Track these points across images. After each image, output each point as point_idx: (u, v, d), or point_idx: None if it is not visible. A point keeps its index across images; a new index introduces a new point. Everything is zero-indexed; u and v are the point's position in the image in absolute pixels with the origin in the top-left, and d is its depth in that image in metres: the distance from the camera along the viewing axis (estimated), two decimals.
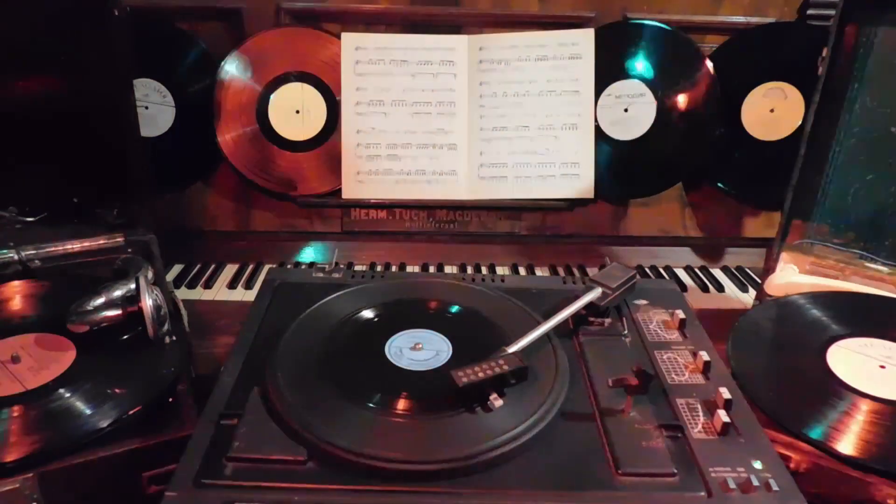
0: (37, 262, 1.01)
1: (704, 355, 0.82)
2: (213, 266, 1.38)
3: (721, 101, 1.37)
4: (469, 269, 1.40)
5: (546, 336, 0.82)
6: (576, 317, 0.88)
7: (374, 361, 0.80)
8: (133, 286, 0.89)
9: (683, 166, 1.41)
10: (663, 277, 1.38)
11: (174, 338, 0.91)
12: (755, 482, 0.65)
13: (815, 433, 0.78)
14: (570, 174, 1.38)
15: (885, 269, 1.10)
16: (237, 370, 0.79)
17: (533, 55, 1.37)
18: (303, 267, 1.35)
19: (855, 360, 0.91)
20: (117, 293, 0.91)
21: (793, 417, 0.80)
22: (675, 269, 1.43)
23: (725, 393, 0.74)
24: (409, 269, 1.39)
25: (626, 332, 0.89)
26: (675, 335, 0.89)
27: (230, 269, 1.37)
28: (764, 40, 1.39)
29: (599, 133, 1.38)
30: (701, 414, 0.74)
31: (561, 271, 1.40)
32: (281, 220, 1.41)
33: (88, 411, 0.79)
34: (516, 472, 0.66)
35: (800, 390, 0.87)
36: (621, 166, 1.39)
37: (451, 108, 1.38)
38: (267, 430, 0.69)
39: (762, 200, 1.43)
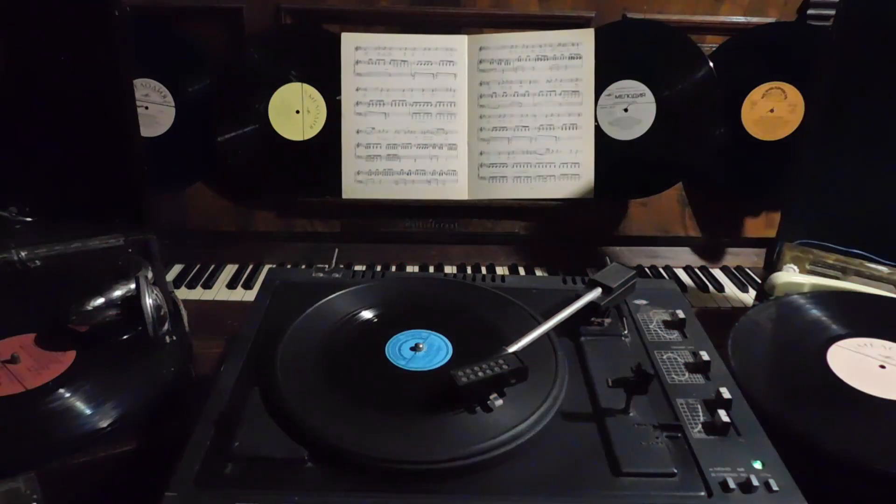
0: (37, 262, 1.01)
1: (704, 355, 0.82)
2: (213, 266, 1.38)
3: (721, 101, 1.37)
4: (469, 269, 1.40)
5: (546, 336, 0.82)
6: (576, 317, 0.88)
7: (374, 361, 0.80)
8: (133, 286, 0.89)
9: (683, 166, 1.41)
10: (663, 277, 1.38)
11: (174, 338, 0.91)
12: (755, 482, 0.65)
13: (816, 433, 0.78)
14: (570, 174, 1.38)
15: (885, 269, 1.10)
16: (237, 370, 0.79)
17: (533, 55, 1.37)
18: (303, 267, 1.35)
19: (855, 360, 0.91)
20: (117, 293, 0.91)
21: (793, 417, 0.80)
22: (675, 269, 1.43)
23: (725, 393, 0.74)
24: (409, 269, 1.39)
25: (626, 332, 0.89)
26: (675, 335, 0.89)
27: (230, 269, 1.37)
28: (764, 40, 1.39)
29: (599, 133, 1.38)
30: (701, 414, 0.74)
31: (561, 271, 1.40)
32: (281, 220, 1.41)
33: (88, 411, 0.79)
34: (516, 472, 0.66)
35: (800, 390, 0.87)
36: (621, 166, 1.39)
37: (451, 108, 1.38)
38: (267, 430, 0.69)
39: (762, 200, 1.43)
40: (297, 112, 1.36)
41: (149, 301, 0.86)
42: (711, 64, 1.36)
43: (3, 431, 0.75)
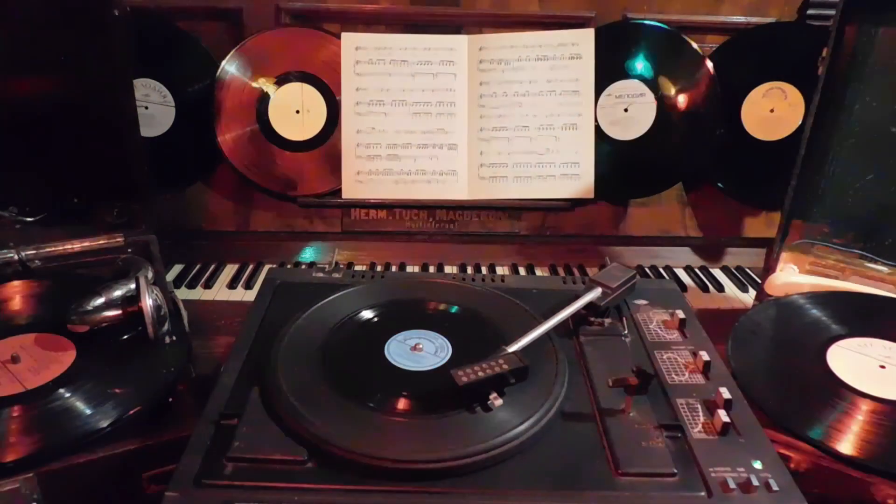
0: (37, 262, 1.01)
1: (704, 355, 0.82)
2: (213, 266, 1.38)
3: (721, 101, 1.37)
4: (469, 269, 1.40)
5: (546, 336, 0.82)
6: (576, 317, 0.88)
7: (374, 361, 0.80)
8: (133, 286, 0.89)
9: (683, 166, 1.41)
10: (663, 277, 1.38)
11: (174, 338, 0.91)
12: (755, 482, 0.65)
13: (816, 433, 0.78)
14: (570, 174, 1.38)
15: (885, 269, 1.10)
16: (237, 370, 0.79)
17: (533, 55, 1.37)
18: (303, 267, 1.35)
19: (855, 360, 0.91)
20: (117, 293, 0.91)
21: (793, 417, 0.80)
22: (675, 269, 1.43)
23: (725, 393, 0.74)
24: (409, 269, 1.39)
25: (626, 332, 0.89)
26: (675, 335, 0.89)
27: (230, 269, 1.37)
28: (764, 40, 1.39)
29: (599, 133, 1.38)
30: (701, 414, 0.75)
31: (561, 271, 1.40)
32: (281, 220, 1.41)
33: (88, 411, 0.79)
34: (516, 472, 0.66)
35: (800, 390, 0.87)
36: (621, 166, 1.39)
37: (451, 108, 1.38)
38: (267, 430, 0.69)
39: (762, 200, 1.43)
40: (297, 112, 1.36)
41: (149, 301, 0.86)
42: (711, 64, 1.36)
43: (2, 432, 0.75)
